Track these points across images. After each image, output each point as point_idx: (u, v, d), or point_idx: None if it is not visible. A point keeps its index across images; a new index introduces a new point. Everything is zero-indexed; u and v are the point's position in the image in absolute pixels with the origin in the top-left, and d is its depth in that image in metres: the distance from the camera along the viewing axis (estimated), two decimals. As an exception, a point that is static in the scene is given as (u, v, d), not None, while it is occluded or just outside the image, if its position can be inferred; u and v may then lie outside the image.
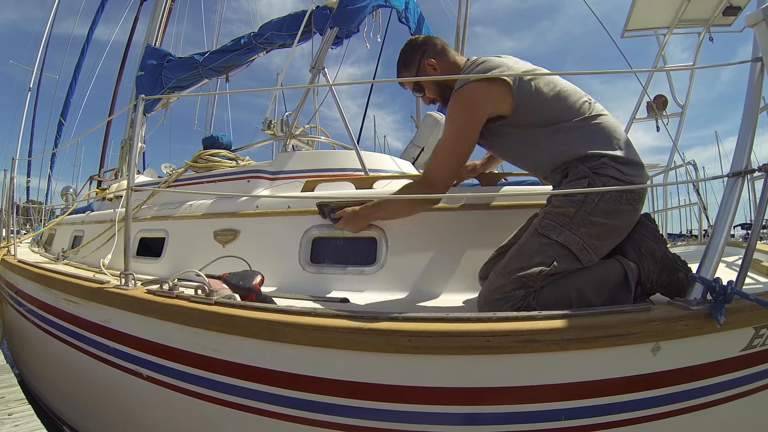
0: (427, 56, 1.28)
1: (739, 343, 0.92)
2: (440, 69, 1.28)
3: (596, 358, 0.86)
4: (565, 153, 1.09)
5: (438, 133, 2.79)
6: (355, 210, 1.36)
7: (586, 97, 1.15)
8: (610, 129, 1.09)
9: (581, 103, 1.12)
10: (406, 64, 1.33)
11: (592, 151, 1.05)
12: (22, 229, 6.64)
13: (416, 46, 1.31)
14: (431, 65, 1.28)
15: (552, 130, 1.10)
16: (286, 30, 2.63)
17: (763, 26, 0.94)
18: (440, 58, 1.28)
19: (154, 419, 1.34)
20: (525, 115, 1.12)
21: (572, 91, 1.14)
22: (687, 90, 3.07)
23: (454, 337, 0.85)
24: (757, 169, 0.94)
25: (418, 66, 1.30)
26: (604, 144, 1.06)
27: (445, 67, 1.28)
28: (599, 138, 1.07)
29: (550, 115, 1.11)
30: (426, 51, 1.29)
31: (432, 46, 1.30)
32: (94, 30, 7.63)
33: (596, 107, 1.13)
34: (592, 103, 1.14)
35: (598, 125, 1.09)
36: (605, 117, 1.11)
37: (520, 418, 0.88)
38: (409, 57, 1.32)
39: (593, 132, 1.08)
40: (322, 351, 0.95)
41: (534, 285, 1.00)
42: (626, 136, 1.12)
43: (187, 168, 2.32)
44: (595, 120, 1.10)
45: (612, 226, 1.03)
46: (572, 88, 1.15)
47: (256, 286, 1.20)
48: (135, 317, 1.26)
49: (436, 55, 1.28)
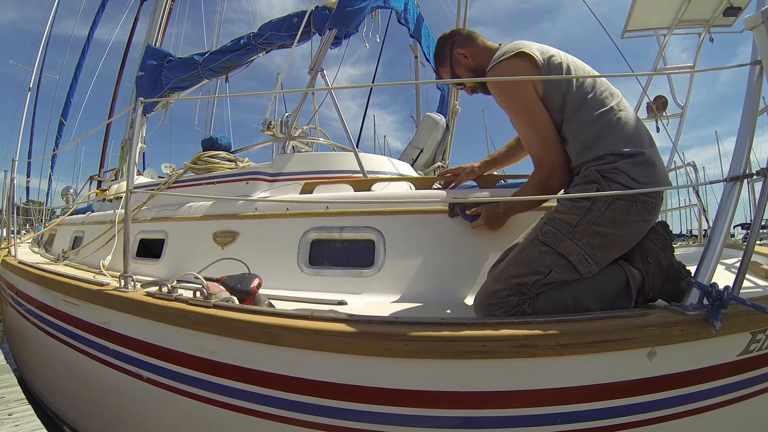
0: (456, 47, 1.28)
1: (735, 348, 0.92)
2: (471, 56, 1.27)
3: (592, 363, 0.86)
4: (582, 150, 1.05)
5: (437, 134, 2.78)
6: (494, 209, 1.27)
7: (613, 89, 1.11)
8: (631, 126, 1.04)
9: (607, 96, 1.08)
10: (440, 61, 1.33)
11: (607, 150, 1.01)
12: (22, 230, 6.66)
13: (444, 41, 1.32)
14: (462, 54, 1.28)
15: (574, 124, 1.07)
16: (286, 30, 2.63)
17: (762, 29, 0.93)
18: (469, 46, 1.28)
19: (154, 421, 1.35)
20: (556, 99, 1.08)
21: (600, 82, 1.11)
22: (687, 91, 3.06)
23: (449, 342, 0.85)
24: (756, 173, 0.94)
25: (450, 59, 1.30)
26: (622, 141, 1.01)
27: (476, 53, 1.27)
28: (617, 134, 1.02)
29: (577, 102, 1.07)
30: (454, 42, 1.29)
31: (458, 36, 1.30)
32: (95, 30, 7.62)
33: (621, 102, 1.09)
34: (616, 95, 1.10)
35: (619, 120, 1.04)
36: (627, 113, 1.07)
37: (515, 422, 0.88)
38: (440, 53, 1.32)
39: (612, 127, 1.03)
40: (318, 354, 0.96)
41: (529, 292, 0.99)
42: (647, 133, 1.07)
43: (187, 169, 2.33)
44: (616, 114, 1.04)
45: (618, 236, 0.98)
46: (600, 80, 1.12)
47: (254, 289, 1.20)
48: (134, 319, 1.27)
49: (463, 43, 1.28)
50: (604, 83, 1.12)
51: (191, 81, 3.08)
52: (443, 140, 2.81)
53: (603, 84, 1.11)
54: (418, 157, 2.69)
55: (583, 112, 1.07)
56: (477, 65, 1.26)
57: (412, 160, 2.69)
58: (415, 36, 2.90)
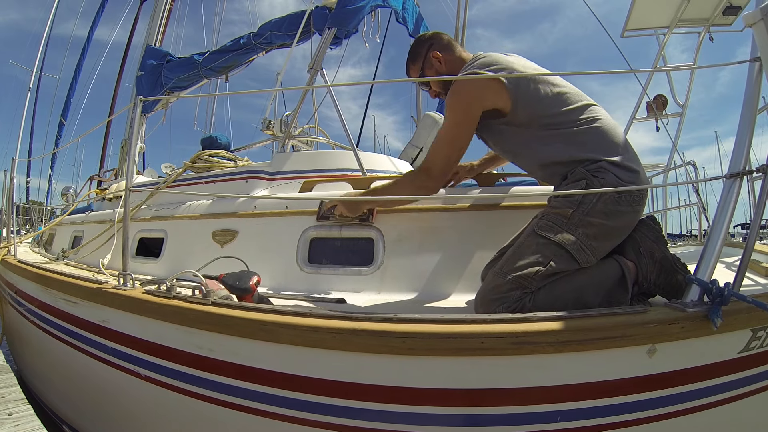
0: (433, 49, 1.32)
1: (736, 345, 0.91)
2: (445, 62, 1.31)
3: (591, 360, 0.86)
4: (564, 157, 1.09)
5: (436, 132, 2.78)
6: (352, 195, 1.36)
7: (587, 99, 1.14)
8: (610, 134, 1.09)
9: (581, 106, 1.11)
10: (413, 58, 1.36)
11: (590, 155, 1.06)
12: (22, 229, 6.65)
13: (423, 41, 1.35)
14: (437, 58, 1.31)
15: (551, 134, 1.10)
16: (286, 30, 2.63)
17: (762, 26, 0.93)
18: (446, 52, 1.31)
19: (153, 419, 1.35)
20: (524, 113, 1.12)
21: (573, 93, 1.14)
22: (687, 90, 3.06)
23: (448, 339, 0.85)
24: (755, 170, 0.93)
25: (424, 59, 1.33)
26: (603, 149, 1.06)
27: (450, 61, 1.30)
28: (598, 143, 1.07)
29: (549, 115, 1.10)
30: (432, 45, 1.33)
31: (438, 40, 1.34)
32: (95, 30, 7.64)
33: (597, 110, 1.13)
34: (593, 105, 1.14)
35: (598, 129, 1.09)
36: (605, 120, 1.11)
37: (514, 419, 0.87)
38: (416, 50, 1.35)
39: (592, 136, 1.08)
40: (317, 351, 0.95)
41: (530, 286, 1.00)
42: (626, 141, 1.11)
43: (186, 168, 2.33)
44: (594, 124, 1.09)
45: (610, 227, 1.03)
46: (573, 90, 1.15)
47: (253, 287, 1.20)
48: (133, 317, 1.27)
49: (441, 48, 1.32)
50: (579, 93, 1.15)
51: (191, 81, 3.09)
52: (443, 139, 2.80)
53: (578, 95, 1.14)
54: (418, 156, 2.69)
55: (560, 126, 1.10)
56: (447, 72, 1.30)
57: (412, 159, 2.69)
58: (414, 36, 2.90)
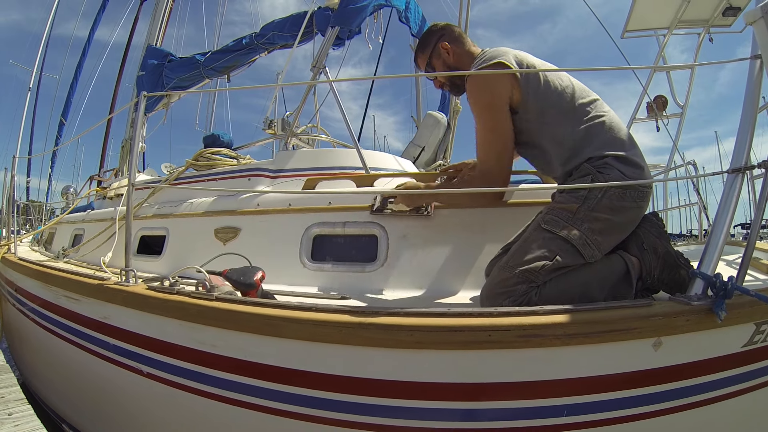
0: (443, 40, 1.32)
1: (740, 339, 0.92)
2: (453, 54, 1.31)
3: (598, 354, 0.86)
4: (570, 155, 1.10)
5: (438, 132, 2.79)
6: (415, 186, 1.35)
7: (593, 95, 1.16)
8: (615, 130, 1.10)
9: (587, 102, 1.13)
10: (423, 47, 1.37)
11: (596, 152, 1.07)
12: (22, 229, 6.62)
13: (435, 31, 1.36)
14: (445, 49, 1.31)
15: (558, 131, 1.12)
16: (288, 30, 2.64)
17: (762, 24, 0.94)
18: (455, 44, 1.32)
19: (154, 416, 1.34)
20: (534, 107, 1.12)
21: (579, 89, 1.15)
22: (687, 90, 3.08)
23: (455, 332, 0.85)
24: (757, 166, 0.94)
25: (433, 48, 1.34)
26: (608, 145, 1.07)
27: (459, 54, 1.31)
28: (604, 139, 1.08)
29: (557, 110, 1.11)
30: (443, 35, 1.33)
31: (450, 31, 1.34)
32: (95, 30, 7.63)
33: (602, 107, 1.14)
34: (599, 102, 1.15)
35: (603, 125, 1.10)
36: (609, 117, 1.12)
37: (521, 413, 0.87)
38: (427, 39, 1.36)
39: (598, 132, 1.09)
40: (323, 346, 0.95)
41: (536, 280, 1.00)
42: (630, 136, 1.12)
43: (188, 166, 2.32)
44: (599, 119, 1.10)
45: (615, 222, 1.04)
46: (579, 86, 1.16)
47: (257, 282, 1.20)
48: (135, 313, 1.26)
49: (452, 40, 1.32)
50: (585, 89, 1.16)
51: (192, 80, 3.09)
52: (444, 139, 2.82)
53: (584, 90, 1.15)
54: (420, 155, 2.70)
55: (568, 120, 1.11)
56: (455, 64, 1.30)
57: (414, 159, 2.70)
58: (417, 36, 2.91)
